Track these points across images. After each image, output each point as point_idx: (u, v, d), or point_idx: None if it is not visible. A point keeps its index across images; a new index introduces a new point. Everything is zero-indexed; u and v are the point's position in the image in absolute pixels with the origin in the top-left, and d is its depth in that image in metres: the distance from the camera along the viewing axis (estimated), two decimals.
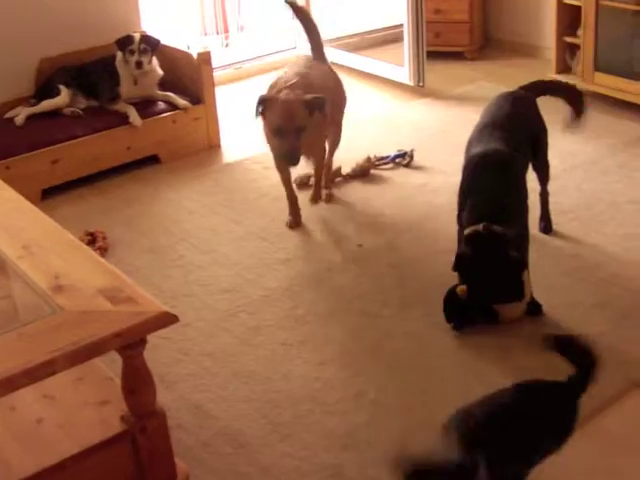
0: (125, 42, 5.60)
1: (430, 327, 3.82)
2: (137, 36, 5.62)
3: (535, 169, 4.30)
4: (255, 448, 3.21)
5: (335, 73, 5.11)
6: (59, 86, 5.51)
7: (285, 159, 4.42)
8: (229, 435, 3.27)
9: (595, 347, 2.80)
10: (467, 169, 3.86)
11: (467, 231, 3.63)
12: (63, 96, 5.49)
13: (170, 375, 3.60)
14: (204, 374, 3.61)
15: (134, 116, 5.44)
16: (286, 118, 4.30)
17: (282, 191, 4.90)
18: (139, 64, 5.54)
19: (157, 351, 3.67)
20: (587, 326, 3.75)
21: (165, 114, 5.59)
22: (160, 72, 5.69)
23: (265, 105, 4.37)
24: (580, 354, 2.80)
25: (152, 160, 5.60)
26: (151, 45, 5.64)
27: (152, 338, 3.52)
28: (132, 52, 5.56)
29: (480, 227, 3.57)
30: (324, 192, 4.99)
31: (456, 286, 3.78)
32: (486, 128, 3.98)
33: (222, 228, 4.73)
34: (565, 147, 5.29)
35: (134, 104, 5.54)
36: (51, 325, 2.62)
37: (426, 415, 3.31)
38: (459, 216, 3.84)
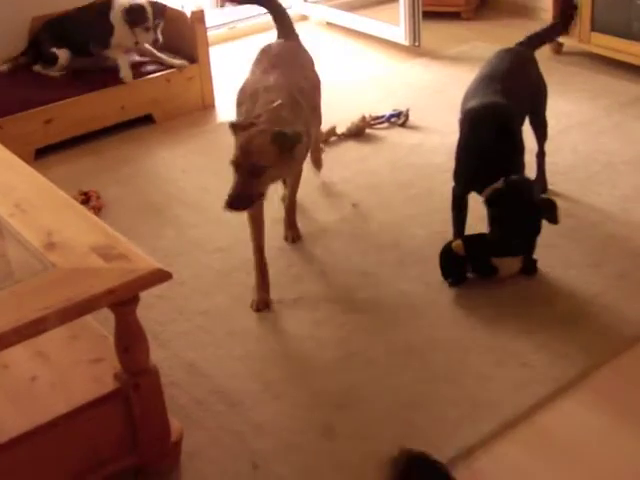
0: (138, 17, 5.40)
1: (426, 286, 3.81)
2: (149, 9, 5.42)
3: (533, 126, 4.29)
4: (248, 406, 3.21)
5: (308, 52, 4.39)
6: (53, 51, 5.44)
7: (227, 201, 3.45)
8: (222, 393, 3.27)
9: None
10: (464, 123, 3.84)
11: (488, 192, 3.62)
12: (61, 61, 5.44)
13: (164, 333, 3.59)
14: (198, 332, 3.61)
15: (125, 70, 5.40)
16: (243, 153, 3.48)
17: None
18: (156, 42, 5.44)
19: (151, 309, 3.66)
20: (582, 286, 3.75)
21: (159, 73, 5.54)
22: (160, 38, 5.54)
23: (234, 132, 3.61)
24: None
25: (146, 120, 5.57)
26: (161, 14, 5.49)
27: (146, 297, 3.52)
28: (147, 29, 5.42)
29: (500, 184, 3.57)
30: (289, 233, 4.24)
31: (452, 242, 3.77)
32: (483, 81, 3.95)
33: (216, 187, 4.67)
34: (561, 108, 5.26)
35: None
36: (43, 282, 2.61)
37: (421, 375, 3.32)
38: (456, 172, 3.81)
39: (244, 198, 3.46)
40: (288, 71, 3.98)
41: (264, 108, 3.65)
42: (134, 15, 5.40)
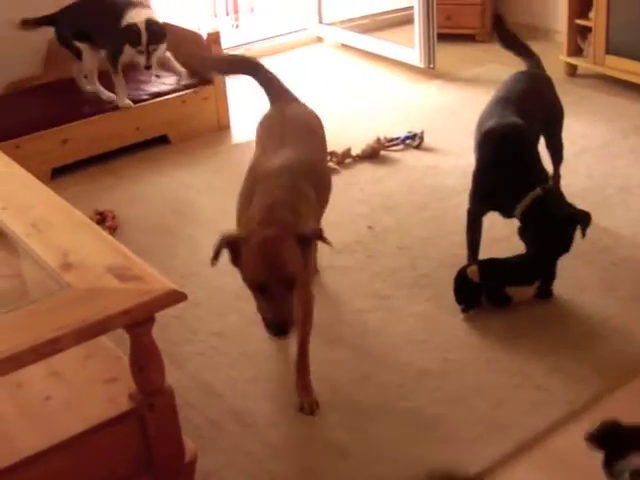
0: (132, 38, 5.23)
1: (439, 309, 3.81)
2: (144, 32, 5.22)
3: (549, 149, 4.30)
4: (262, 427, 3.21)
5: (311, 109, 3.91)
6: (75, 44, 5.46)
7: (274, 330, 2.90)
8: (237, 414, 3.28)
9: None
10: (482, 143, 3.85)
11: (524, 204, 3.64)
12: (86, 55, 5.48)
13: (179, 354, 3.60)
14: (213, 353, 3.61)
15: (122, 99, 5.41)
16: (272, 269, 2.88)
17: None
18: (148, 68, 5.34)
19: (167, 330, 3.67)
20: (596, 309, 3.75)
21: (174, 95, 5.58)
22: (154, 64, 5.41)
23: (235, 250, 3.02)
24: None
25: (161, 140, 5.60)
26: (158, 39, 5.29)
27: (162, 317, 3.53)
28: (140, 52, 5.29)
29: (539, 191, 3.60)
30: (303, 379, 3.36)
31: (467, 267, 3.77)
32: (499, 103, 3.96)
33: (231, 208, 4.64)
34: (576, 130, 5.27)
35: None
36: (59, 302, 2.61)
37: (434, 397, 3.32)
38: (472, 193, 3.82)
39: (289, 317, 2.89)
40: (294, 146, 3.43)
41: (267, 202, 3.09)
42: (127, 33, 5.28)
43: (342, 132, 5.55)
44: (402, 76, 6.59)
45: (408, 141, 5.35)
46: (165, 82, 5.67)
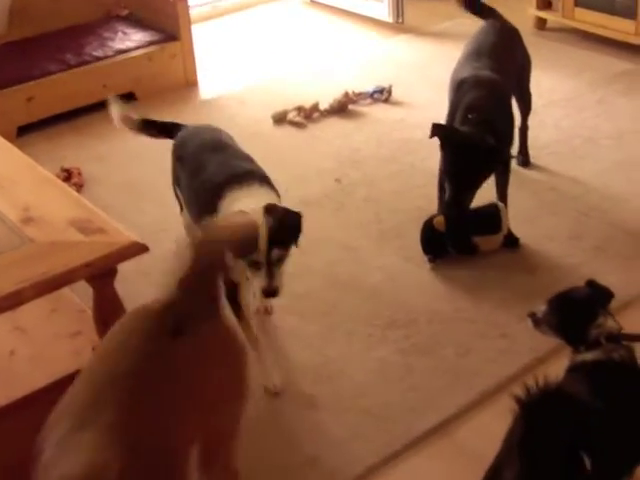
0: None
1: (407, 260, 3.82)
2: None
3: (517, 100, 4.30)
4: None
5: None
6: None
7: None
8: None
9: None
10: (457, 90, 3.82)
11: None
12: None
13: None
14: None
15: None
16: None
17: (260, 126, 4.87)
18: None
19: (134, 286, 3.64)
20: (563, 257, 3.77)
21: (141, 51, 5.52)
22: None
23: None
24: None
25: (128, 98, 5.53)
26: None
27: (129, 274, 3.55)
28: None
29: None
30: None
31: (433, 218, 3.77)
32: (472, 55, 3.97)
33: None
34: (544, 83, 5.26)
35: None
36: (20, 256, 2.61)
37: (401, 347, 3.33)
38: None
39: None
40: None
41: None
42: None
43: (310, 87, 5.52)
44: (371, 31, 6.55)
45: (376, 95, 5.32)
46: (131, 38, 5.61)
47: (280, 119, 5.08)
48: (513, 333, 3.36)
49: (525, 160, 4.48)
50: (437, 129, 3.64)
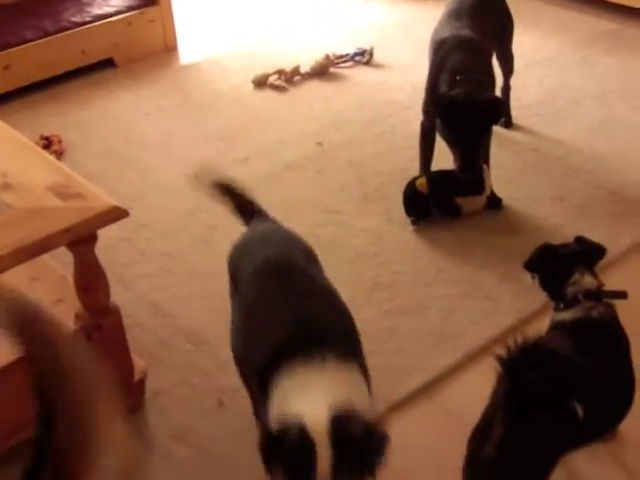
0: None
1: (390, 223, 3.80)
2: None
3: (499, 60, 4.28)
4: (214, 345, 3.19)
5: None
6: None
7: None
8: (187, 333, 3.26)
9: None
10: (438, 50, 3.79)
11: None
12: None
13: (128, 275, 3.57)
14: (162, 273, 3.58)
15: None
16: None
17: (240, 91, 4.83)
18: None
19: (115, 252, 3.64)
20: (547, 218, 3.76)
21: (120, 16, 5.45)
22: None
23: None
24: None
25: (108, 64, 5.48)
26: None
27: (109, 240, 3.53)
28: None
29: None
30: None
31: (416, 180, 3.76)
32: (453, 15, 3.93)
33: (179, 130, 4.65)
34: (526, 43, 5.23)
35: None
36: None
37: (385, 308, 3.32)
38: (425, 103, 3.81)
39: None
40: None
41: None
42: None
43: (290, 50, 5.48)
44: None
45: (357, 57, 5.28)
46: (110, 4, 5.54)
47: (261, 83, 5.04)
48: (497, 294, 3.35)
49: (508, 121, 4.45)
50: (439, 100, 3.61)
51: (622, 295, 2.56)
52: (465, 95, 3.51)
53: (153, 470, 2.74)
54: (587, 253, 2.64)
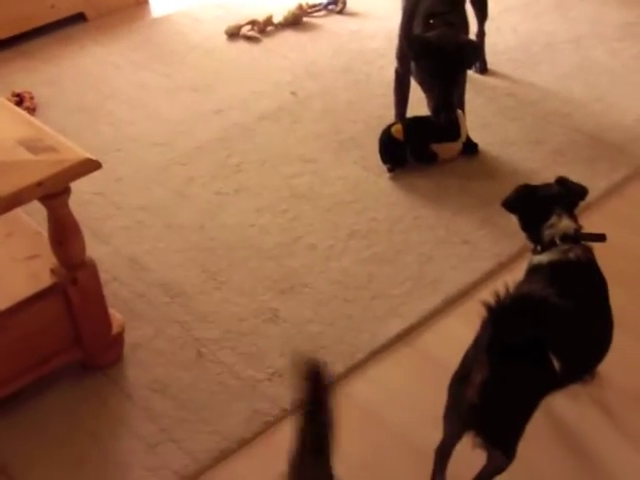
0: None
1: (366, 170, 3.78)
2: None
3: (473, 5, 4.25)
4: (192, 296, 3.19)
5: None
6: None
7: None
8: (165, 285, 3.25)
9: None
10: None
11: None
12: None
13: (104, 229, 3.54)
14: (138, 227, 3.56)
15: None
16: None
17: (213, 43, 4.79)
18: None
19: (90, 207, 3.62)
20: (523, 162, 3.76)
21: None
22: None
23: None
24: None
25: (78, 18, 5.41)
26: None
27: (84, 195, 3.51)
28: None
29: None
30: None
31: (391, 127, 3.74)
32: None
33: (152, 83, 4.61)
34: None
35: None
36: None
37: (362, 256, 3.32)
38: (399, 49, 3.77)
39: None
40: None
41: None
42: None
43: (263, 0, 5.42)
44: None
45: (331, 6, 5.23)
46: None
47: (234, 34, 4.99)
48: (474, 239, 3.35)
49: (482, 67, 4.43)
50: (413, 41, 3.57)
51: (600, 238, 2.55)
52: (439, 36, 3.49)
53: (133, 422, 2.74)
54: (567, 195, 2.62)
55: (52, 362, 2.80)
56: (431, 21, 3.56)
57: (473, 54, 3.64)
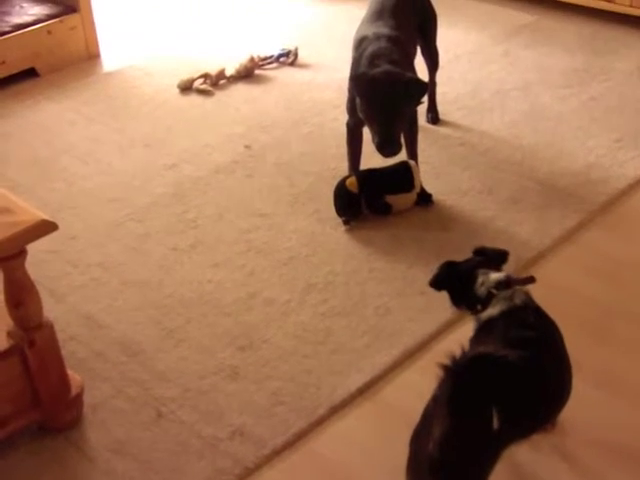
0: None
1: (321, 223, 3.80)
2: None
3: (424, 56, 4.31)
4: (150, 355, 3.17)
5: None
6: None
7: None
8: (123, 344, 3.22)
9: None
10: (359, 46, 3.78)
11: None
12: None
13: (60, 288, 3.51)
14: (94, 285, 3.54)
15: None
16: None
17: (165, 96, 4.80)
18: None
19: (45, 265, 3.59)
20: (477, 211, 3.79)
21: (39, 25, 5.37)
22: None
23: None
24: None
25: (29, 73, 5.40)
26: None
27: (39, 253, 3.48)
28: None
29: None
30: None
31: (346, 179, 3.76)
32: (374, 15, 3.92)
33: (105, 138, 4.60)
34: (449, 38, 5.27)
35: None
36: None
37: (320, 310, 3.32)
38: (349, 102, 3.79)
39: None
40: None
41: None
42: None
43: (215, 53, 5.45)
44: None
45: (282, 58, 5.27)
46: (29, 12, 5.46)
47: (186, 87, 5.01)
48: (431, 291, 3.31)
49: (434, 117, 4.48)
50: (357, 78, 3.61)
51: (530, 280, 2.59)
52: (383, 72, 3.54)
53: None
54: (489, 261, 2.66)
55: (9, 425, 2.76)
56: (376, 62, 3.60)
57: (417, 90, 3.64)
